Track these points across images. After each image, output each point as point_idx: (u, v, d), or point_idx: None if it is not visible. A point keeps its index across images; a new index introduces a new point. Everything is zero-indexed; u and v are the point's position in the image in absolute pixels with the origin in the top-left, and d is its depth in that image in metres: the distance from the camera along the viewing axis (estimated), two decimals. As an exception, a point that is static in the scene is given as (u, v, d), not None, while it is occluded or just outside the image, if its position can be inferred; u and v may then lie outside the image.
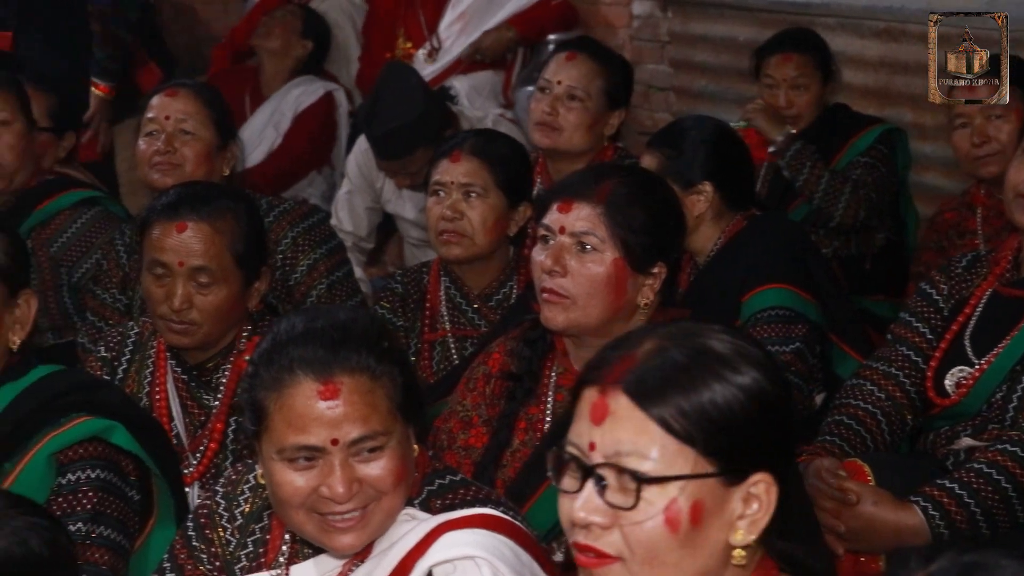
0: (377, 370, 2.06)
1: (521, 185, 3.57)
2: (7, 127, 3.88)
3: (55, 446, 2.50)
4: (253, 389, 2.08)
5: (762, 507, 1.63)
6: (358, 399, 2.03)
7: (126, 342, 3.08)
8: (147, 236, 2.98)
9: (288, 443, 2.02)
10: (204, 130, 3.67)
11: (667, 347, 1.64)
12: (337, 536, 2.06)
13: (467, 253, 3.49)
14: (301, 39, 5.72)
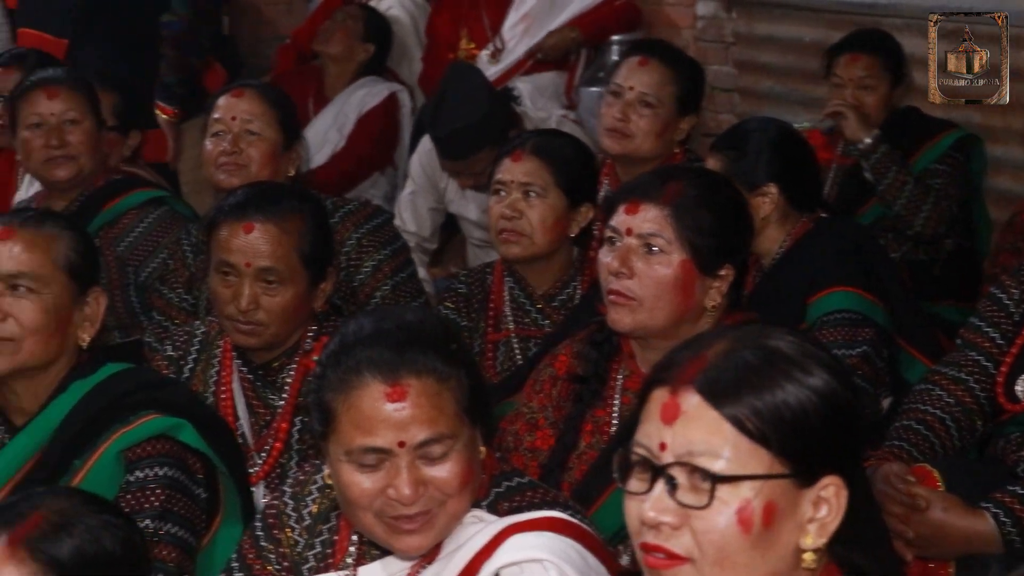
0: (444, 372, 2.06)
1: (583, 186, 3.55)
2: (77, 126, 3.91)
3: (124, 443, 2.53)
4: (321, 390, 2.09)
5: (832, 511, 1.62)
6: (425, 401, 2.03)
7: (192, 341, 3.10)
8: (214, 236, 2.99)
9: (355, 445, 2.03)
10: (270, 130, 3.68)
11: (737, 348, 1.64)
12: (403, 538, 2.06)
13: (526, 252, 3.49)
14: (363, 43, 5.72)
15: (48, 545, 1.70)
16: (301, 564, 2.23)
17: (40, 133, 3.90)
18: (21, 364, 2.54)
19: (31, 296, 2.54)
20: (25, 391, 2.58)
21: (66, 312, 2.58)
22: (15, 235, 2.56)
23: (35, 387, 2.58)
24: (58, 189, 3.97)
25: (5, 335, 2.53)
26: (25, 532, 1.69)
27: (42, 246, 2.57)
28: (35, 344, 2.54)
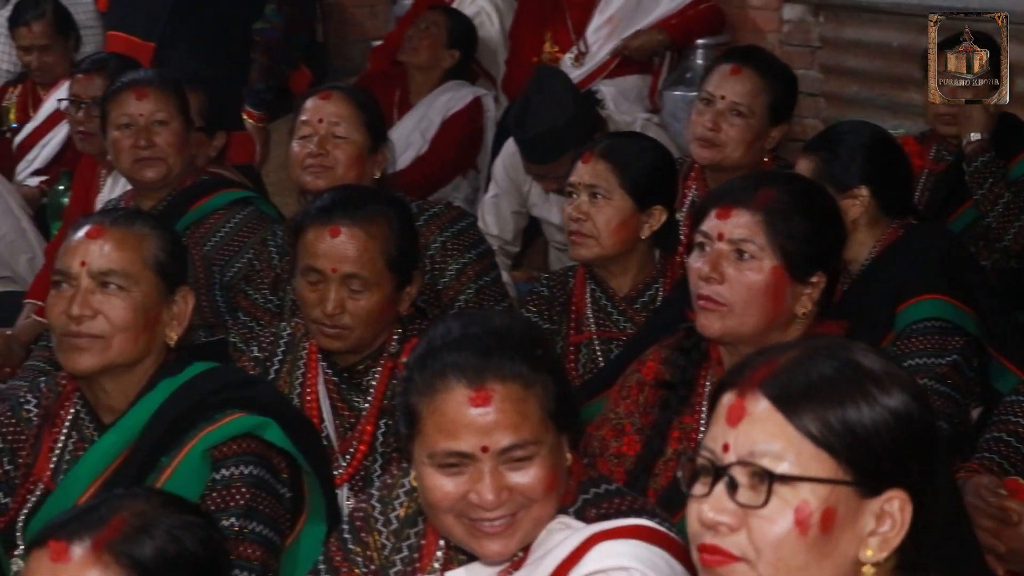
0: (530, 378, 2.06)
1: (653, 188, 3.53)
2: (165, 126, 3.94)
3: (210, 441, 2.54)
4: (407, 393, 2.09)
5: (895, 526, 1.59)
6: (509, 407, 2.03)
7: (278, 343, 3.11)
8: (301, 240, 3.01)
9: (439, 448, 2.03)
10: (356, 133, 3.69)
11: (813, 357, 1.62)
12: (485, 542, 2.06)
13: (592, 254, 3.49)
14: (448, 49, 5.72)
15: (131, 547, 1.70)
16: (388, 568, 2.23)
17: (129, 134, 3.93)
18: (110, 361, 2.56)
19: (121, 294, 2.55)
20: (114, 389, 2.60)
21: (154, 310, 2.59)
22: (106, 233, 2.58)
23: (123, 385, 2.60)
24: (146, 189, 4.00)
25: (95, 332, 2.54)
26: (108, 536, 1.69)
27: (132, 244, 2.58)
28: (124, 342, 2.55)
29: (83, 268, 2.55)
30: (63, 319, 2.55)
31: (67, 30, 5.90)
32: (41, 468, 2.63)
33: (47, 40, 5.79)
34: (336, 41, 7.90)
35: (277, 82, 5.60)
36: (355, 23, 7.93)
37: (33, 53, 5.79)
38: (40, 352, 3.97)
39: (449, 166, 5.61)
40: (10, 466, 2.66)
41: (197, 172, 4.08)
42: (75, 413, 2.65)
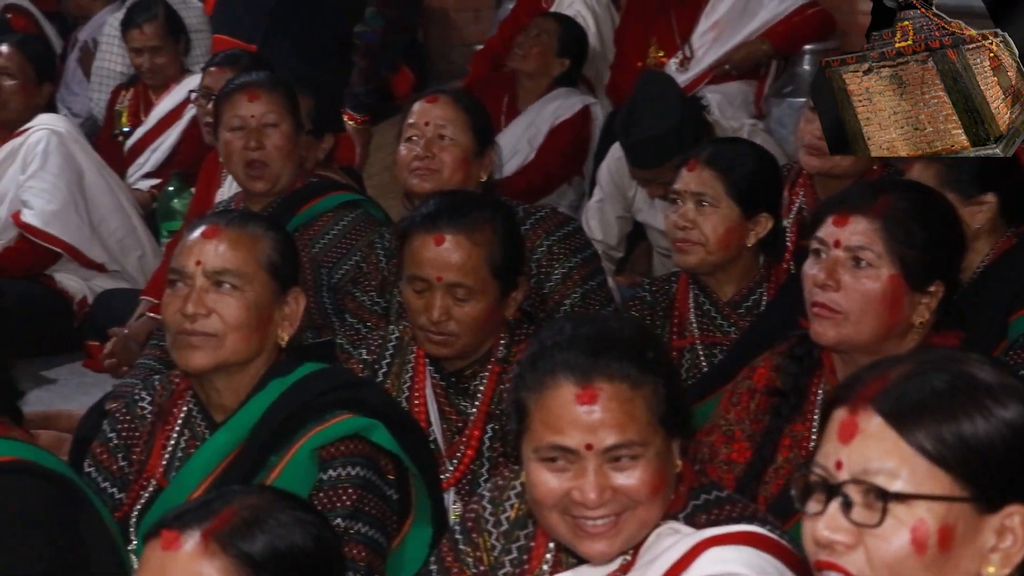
0: (639, 379, 2.06)
1: (760, 196, 3.49)
2: (275, 129, 3.98)
3: (318, 442, 2.56)
4: (517, 389, 2.11)
5: (1017, 541, 1.56)
6: (616, 407, 2.04)
7: (387, 346, 3.13)
8: (406, 246, 3.03)
9: (544, 442, 2.04)
10: (462, 136, 3.70)
11: (926, 371, 1.59)
12: (588, 541, 2.06)
13: (699, 262, 3.47)
14: (558, 58, 5.71)
15: (240, 540, 1.71)
16: (497, 569, 2.24)
17: (240, 135, 3.98)
18: (223, 360, 2.58)
19: (235, 293, 2.58)
20: (226, 387, 2.63)
21: (267, 310, 2.61)
22: (221, 234, 2.61)
23: (235, 384, 2.62)
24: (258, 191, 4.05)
25: (209, 330, 2.57)
26: (218, 527, 1.71)
27: (246, 245, 2.61)
28: (237, 340, 2.58)
29: (198, 267, 2.58)
30: (178, 317, 2.58)
31: (177, 33, 5.98)
32: (154, 465, 2.67)
33: (158, 42, 5.88)
34: (438, 45, 7.94)
35: (377, 85, 5.64)
36: (458, 27, 7.97)
37: (144, 55, 5.88)
38: (151, 350, 4.02)
39: (555, 174, 5.60)
40: (124, 462, 2.70)
41: (306, 175, 4.11)
42: (188, 411, 2.68)
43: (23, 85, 5.07)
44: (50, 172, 4.95)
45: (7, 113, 5.08)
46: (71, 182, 4.98)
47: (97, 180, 5.10)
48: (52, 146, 4.97)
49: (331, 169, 4.57)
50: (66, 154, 5.00)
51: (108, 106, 6.20)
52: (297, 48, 5.32)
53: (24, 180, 4.95)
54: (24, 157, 4.98)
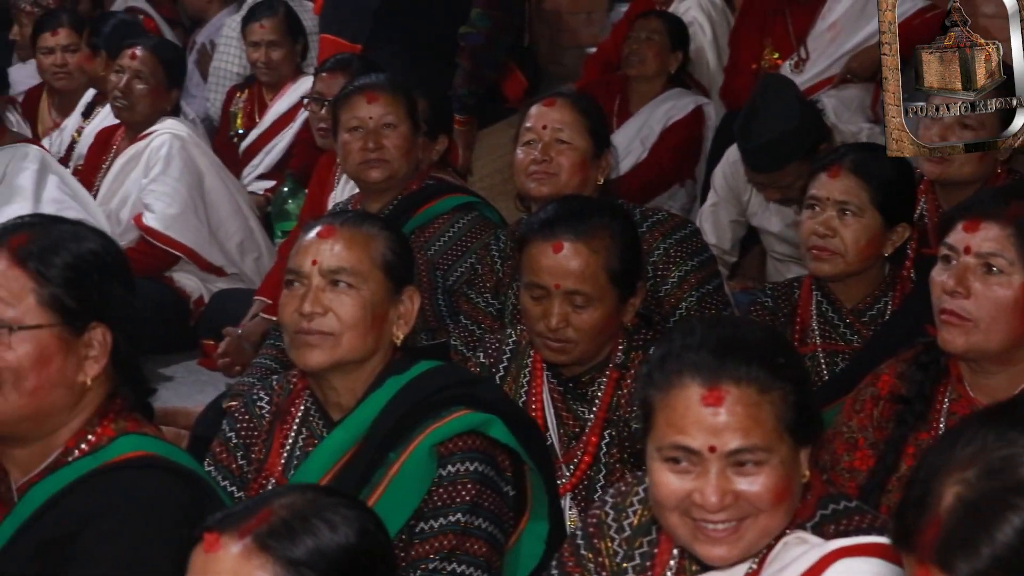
0: (766, 384, 2.03)
1: (900, 205, 3.45)
2: (393, 130, 4.00)
3: (436, 438, 2.57)
4: (645, 388, 2.10)
5: None
6: (741, 410, 2.02)
7: (504, 350, 3.14)
8: (524, 253, 3.03)
9: (667, 442, 2.03)
10: (580, 139, 3.68)
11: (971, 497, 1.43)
12: (708, 546, 2.04)
13: (836, 271, 3.42)
14: (672, 53, 5.69)
15: (280, 540, 1.69)
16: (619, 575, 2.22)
17: (358, 136, 4.00)
18: (339, 358, 2.60)
19: (350, 292, 2.60)
20: (342, 386, 2.64)
21: (382, 309, 2.63)
22: (336, 233, 2.63)
23: (352, 383, 2.64)
24: (372, 191, 4.07)
25: (325, 329, 2.59)
26: (255, 526, 1.70)
27: (361, 243, 2.63)
28: (353, 339, 2.59)
29: (314, 267, 2.61)
30: (295, 317, 2.61)
31: (296, 33, 6.03)
32: (273, 463, 2.69)
33: (276, 37, 5.94)
34: (549, 47, 7.92)
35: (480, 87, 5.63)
36: (570, 30, 7.94)
37: (261, 49, 5.93)
38: (267, 349, 4.05)
39: (667, 175, 5.58)
40: (243, 461, 2.73)
41: (422, 177, 4.12)
42: (305, 410, 2.70)
43: (153, 89, 5.12)
44: (171, 176, 5.01)
45: (134, 116, 5.14)
46: (192, 186, 5.05)
47: (217, 184, 5.15)
48: (174, 150, 5.03)
49: (447, 171, 4.57)
50: (187, 159, 5.06)
51: (223, 108, 6.29)
52: (401, 49, 5.34)
53: (146, 183, 5.02)
54: (147, 161, 5.05)
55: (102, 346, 2.13)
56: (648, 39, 5.66)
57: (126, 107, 5.12)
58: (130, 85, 5.08)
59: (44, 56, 6.12)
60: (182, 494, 2.08)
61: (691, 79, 5.98)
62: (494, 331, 3.65)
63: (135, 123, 5.16)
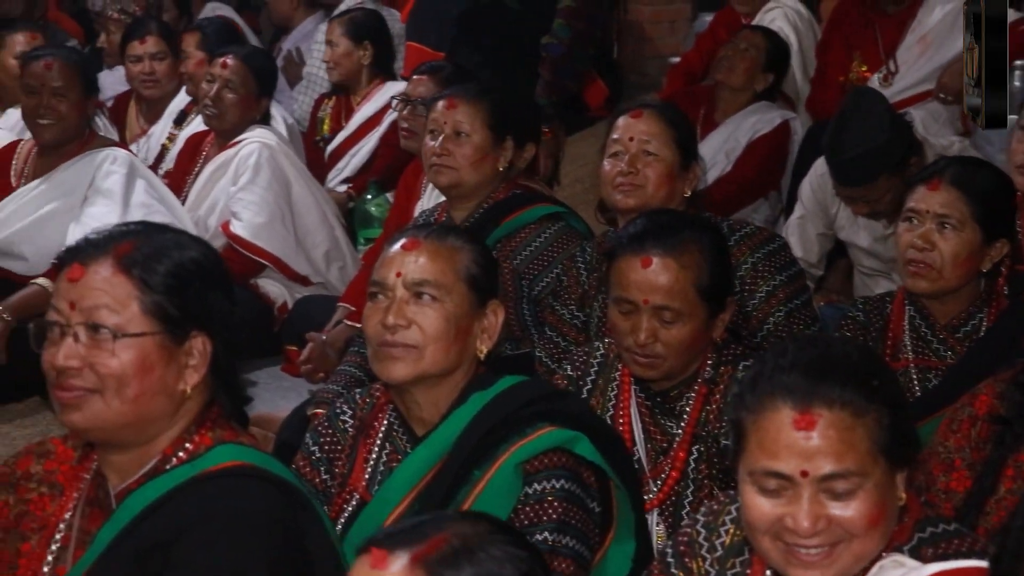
0: (861, 407, 2.01)
1: (1001, 220, 3.40)
2: (466, 138, 4.00)
3: (522, 456, 2.55)
4: (737, 409, 2.08)
5: None
6: (835, 434, 1.99)
7: (591, 363, 3.12)
8: (613, 268, 3.01)
9: (758, 466, 2.01)
10: (667, 151, 3.66)
11: None
12: (800, 570, 2.02)
13: (933, 287, 3.36)
14: (763, 73, 5.63)
15: (447, 568, 1.68)
16: (712, 595, 2.20)
17: (433, 139, 4.03)
18: (423, 371, 2.59)
19: (434, 304, 2.59)
20: (426, 400, 2.63)
21: (466, 322, 2.62)
22: (421, 246, 2.63)
23: (435, 396, 2.63)
24: (452, 197, 4.07)
25: (409, 342, 2.58)
26: (427, 552, 1.69)
27: (445, 256, 2.62)
28: (436, 352, 2.58)
29: (398, 279, 2.60)
30: (378, 329, 2.60)
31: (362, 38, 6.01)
32: (357, 479, 2.68)
33: (334, 38, 5.96)
34: (632, 57, 7.92)
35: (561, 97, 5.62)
36: (652, 40, 7.93)
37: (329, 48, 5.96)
38: (351, 357, 4.06)
39: (752, 188, 5.53)
40: (327, 475, 2.72)
41: (510, 186, 4.11)
42: (388, 424, 2.69)
43: (244, 97, 5.14)
44: (259, 185, 5.03)
45: (223, 124, 5.17)
46: (279, 195, 5.07)
47: (304, 193, 5.18)
48: (263, 159, 5.05)
49: (534, 180, 4.56)
50: (276, 167, 5.09)
51: (311, 113, 6.32)
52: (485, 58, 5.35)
53: (234, 191, 5.05)
54: (236, 169, 5.08)
55: (202, 355, 2.14)
56: (745, 51, 5.61)
57: (216, 115, 5.15)
58: (220, 94, 5.12)
59: (132, 64, 6.18)
60: (278, 504, 2.09)
61: (781, 94, 5.93)
62: (579, 343, 3.64)
63: (225, 131, 5.20)
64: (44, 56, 4.93)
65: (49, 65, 4.83)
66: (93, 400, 2.08)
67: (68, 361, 2.08)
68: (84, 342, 2.09)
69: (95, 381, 2.08)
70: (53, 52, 5.04)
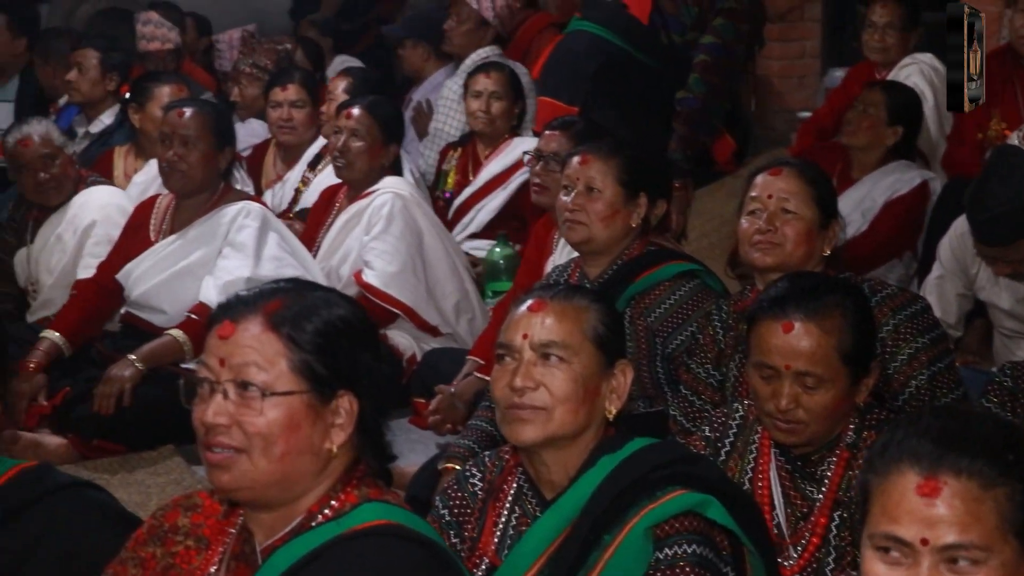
0: (991, 480, 1.92)
1: None
2: (598, 195, 3.99)
3: (652, 519, 2.51)
4: (865, 472, 2.02)
5: None
6: (960, 504, 1.91)
7: (730, 424, 3.07)
8: (753, 331, 2.97)
9: (879, 530, 1.95)
10: (806, 209, 3.60)
11: None
12: None
13: None
14: (890, 127, 5.54)
15: None
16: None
17: (567, 194, 4.03)
18: (552, 434, 2.57)
19: (562, 366, 2.59)
20: (555, 462, 2.61)
21: (594, 383, 2.60)
22: (547, 307, 2.63)
23: (564, 459, 2.60)
24: (584, 254, 4.05)
25: (538, 404, 2.57)
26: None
27: (572, 317, 2.62)
28: (565, 413, 2.57)
29: (525, 341, 2.61)
30: (506, 392, 2.60)
31: (517, 91, 6.07)
32: (486, 543, 2.66)
33: (499, 89, 5.97)
34: (760, 111, 7.87)
35: (695, 152, 5.58)
36: (781, 94, 7.88)
37: (483, 98, 5.97)
38: (482, 411, 4.04)
39: (887, 248, 5.41)
40: (456, 539, 2.71)
41: (644, 242, 4.09)
42: (518, 487, 2.67)
43: (370, 147, 5.19)
44: (392, 235, 5.06)
45: (353, 173, 5.21)
46: (412, 245, 5.09)
47: (435, 244, 5.20)
48: (396, 209, 5.08)
49: (665, 237, 4.52)
50: (409, 218, 5.12)
51: (436, 166, 6.35)
52: (618, 113, 5.33)
53: (367, 241, 5.08)
54: (369, 218, 5.11)
55: (349, 414, 2.13)
56: (864, 111, 5.51)
57: (345, 165, 5.20)
58: (347, 144, 5.17)
59: (272, 110, 6.29)
60: (423, 563, 2.07)
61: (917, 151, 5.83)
62: (715, 403, 3.59)
63: (355, 180, 5.23)
64: (179, 106, 5.01)
65: (181, 114, 4.91)
66: (240, 460, 2.08)
67: (217, 418, 2.08)
68: (233, 399, 2.09)
69: (242, 440, 2.08)
70: (189, 102, 5.12)
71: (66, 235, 5.29)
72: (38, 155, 5.31)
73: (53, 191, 5.35)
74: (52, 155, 5.33)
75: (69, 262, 5.21)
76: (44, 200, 5.38)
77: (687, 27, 5.39)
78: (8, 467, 2.41)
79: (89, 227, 5.24)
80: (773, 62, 7.70)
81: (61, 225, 5.32)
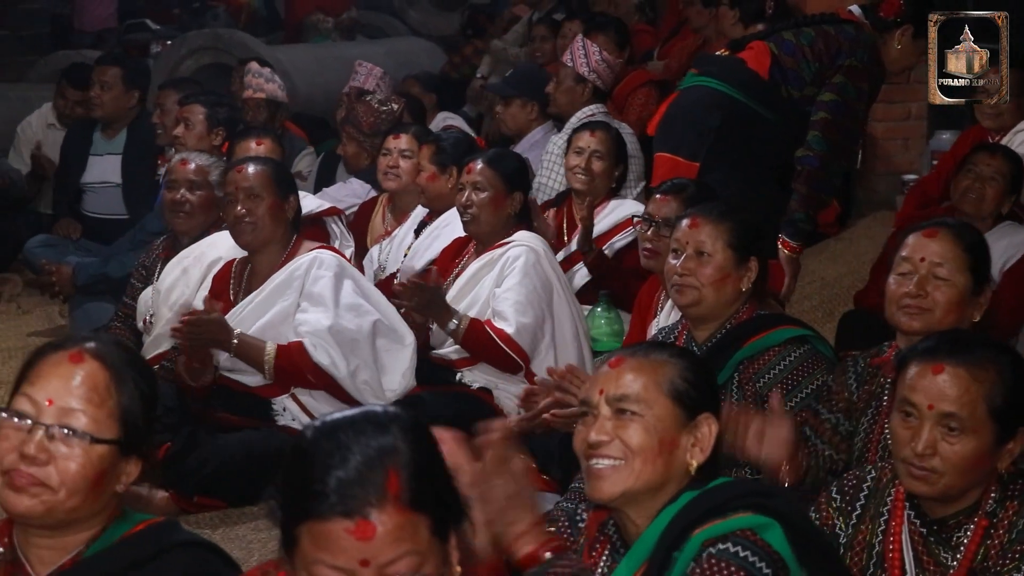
0: None
1: None
2: (708, 259, 3.94)
3: (710, 533, 2.54)
4: None
5: None
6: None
7: (862, 487, 3.01)
8: (901, 376, 2.91)
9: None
10: (959, 275, 3.51)
11: None
12: None
13: None
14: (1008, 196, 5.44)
15: None
16: None
17: (675, 257, 3.99)
18: (629, 487, 2.62)
19: (636, 419, 2.63)
20: (639, 517, 2.65)
21: (671, 435, 2.64)
22: (624, 363, 2.69)
23: (648, 513, 2.64)
24: (691, 318, 4.01)
25: (613, 454, 2.62)
26: None
27: (648, 371, 2.67)
28: (642, 465, 2.62)
29: (601, 396, 2.66)
30: (583, 447, 2.66)
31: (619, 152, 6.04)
32: None
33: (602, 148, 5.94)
34: (862, 171, 7.77)
35: (816, 212, 5.47)
36: (885, 155, 7.79)
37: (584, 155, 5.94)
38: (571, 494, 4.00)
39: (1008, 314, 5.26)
40: None
41: (753, 306, 4.03)
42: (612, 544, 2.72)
43: (493, 198, 5.20)
44: (526, 287, 5.04)
45: (480, 227, 5.20)
46: (543, 300, 5.08)
47: (563, 304, 5.17)
48: (530, 263, 5.08)
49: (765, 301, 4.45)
50: (541, 273, 5.11)
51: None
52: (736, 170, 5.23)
53: (501, 292, 5.07)
54: (501, 268, 5.11)
55: None
56: (991, 179, 5.40)
57: (472, 219, 5.21)
58: (471, 198, 5.18)
59: (383, 157, 6.33)
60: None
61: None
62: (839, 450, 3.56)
63: (483, 234, 5.24)
64: (239, 163, 5.06)
65: (241, 170, 4.97)
66: None
67: None
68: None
69: None
70: (248, 159, 5.15)
71: (192, 269, 5.33)
72: (186, 177, 5.54)
73: (184, 215, 5.51)
74: (198, 184, 5.54)
75: (190, 296, 5.22)
76: (174, 221, 5.55)
77: (806, 82, 5.29)
78: (138, 521, 2.49)
79: (214, 263, 5.27)
80: (877, 123, 7.61)
81: (188, 259, 5.37)
